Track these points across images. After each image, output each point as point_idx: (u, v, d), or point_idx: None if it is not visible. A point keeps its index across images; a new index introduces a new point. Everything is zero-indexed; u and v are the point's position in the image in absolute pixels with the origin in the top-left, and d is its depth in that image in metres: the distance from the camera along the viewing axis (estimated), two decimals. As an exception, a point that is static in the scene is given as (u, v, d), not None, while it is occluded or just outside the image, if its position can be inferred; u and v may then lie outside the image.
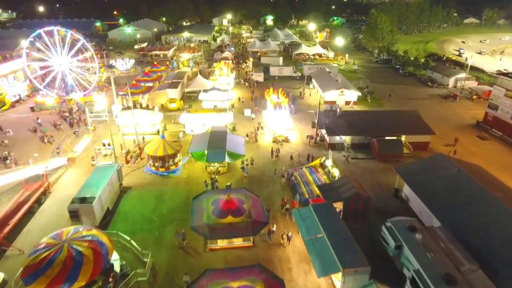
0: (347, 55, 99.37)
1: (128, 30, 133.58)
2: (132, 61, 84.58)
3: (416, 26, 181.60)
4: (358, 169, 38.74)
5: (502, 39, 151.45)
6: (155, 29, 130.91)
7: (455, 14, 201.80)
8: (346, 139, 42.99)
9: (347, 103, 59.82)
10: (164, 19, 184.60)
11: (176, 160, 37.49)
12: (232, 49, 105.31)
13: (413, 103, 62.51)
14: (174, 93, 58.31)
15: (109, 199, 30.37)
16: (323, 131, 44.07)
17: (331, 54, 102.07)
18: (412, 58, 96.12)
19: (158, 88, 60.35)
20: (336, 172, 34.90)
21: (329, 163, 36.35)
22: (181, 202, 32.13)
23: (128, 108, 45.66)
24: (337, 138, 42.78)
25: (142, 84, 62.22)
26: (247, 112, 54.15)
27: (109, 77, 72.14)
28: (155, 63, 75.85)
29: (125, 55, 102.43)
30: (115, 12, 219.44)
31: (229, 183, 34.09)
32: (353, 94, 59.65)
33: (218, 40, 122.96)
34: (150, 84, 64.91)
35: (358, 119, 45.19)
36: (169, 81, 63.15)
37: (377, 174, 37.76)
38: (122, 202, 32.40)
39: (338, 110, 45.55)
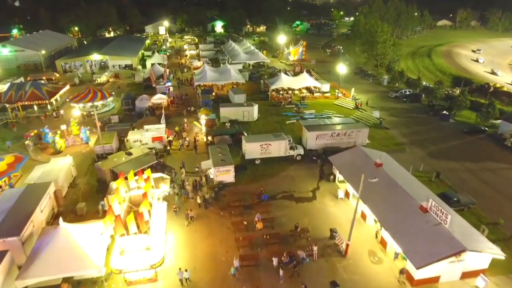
0: (353, 90, 63.23)
1: (4, 51, 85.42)
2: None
3: (393, 31, 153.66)
4: None
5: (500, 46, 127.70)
6: (43, 51, 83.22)
7: (429, 16, 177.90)
8: None
9: (465, 275, 23.31)
10: (76, 28, 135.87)
11: None
12: (170, 83, 64.41)
13: None
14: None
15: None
16: None
17: (325, 87, 65.41)
18: (447, 91, 63.25)
19: None
20: None
21: None
22: None
23: None
24: None
25: None
26: None
27: None
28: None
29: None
30: (16, 19, 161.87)
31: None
32: (483, 258, 23.08)
33: (148, 64, 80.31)
34: None
35: None
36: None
37: None
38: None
39: None
